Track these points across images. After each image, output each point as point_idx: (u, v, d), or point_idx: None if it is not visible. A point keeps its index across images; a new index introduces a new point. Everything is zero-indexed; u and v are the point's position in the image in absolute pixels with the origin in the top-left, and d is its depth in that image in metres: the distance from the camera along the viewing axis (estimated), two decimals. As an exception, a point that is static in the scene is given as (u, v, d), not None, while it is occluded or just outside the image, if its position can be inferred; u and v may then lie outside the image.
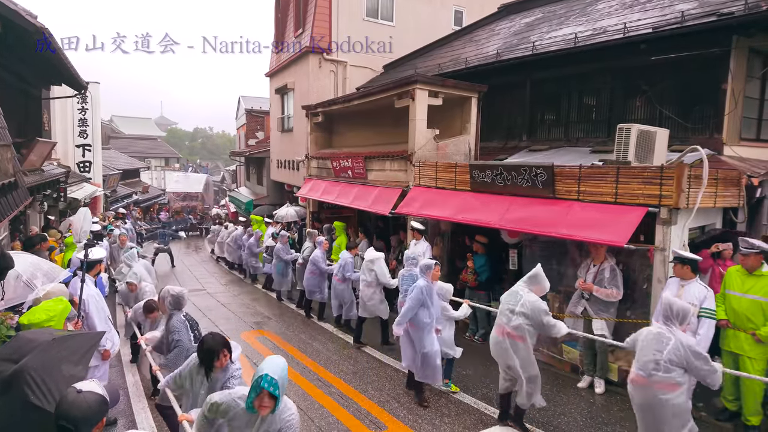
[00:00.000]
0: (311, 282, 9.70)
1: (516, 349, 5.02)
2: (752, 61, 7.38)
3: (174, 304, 4.88)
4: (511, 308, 5.09)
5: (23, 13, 7.14)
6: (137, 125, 55.77)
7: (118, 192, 27.82)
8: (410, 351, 6.04)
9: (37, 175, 10.13)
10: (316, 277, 9.61)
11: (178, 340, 4.77)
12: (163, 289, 4.99)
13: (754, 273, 5.10)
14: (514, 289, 5.25)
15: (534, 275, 5.19)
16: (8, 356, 2.77)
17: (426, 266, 5.95)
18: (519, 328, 4.98)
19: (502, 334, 5.14)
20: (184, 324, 4.87)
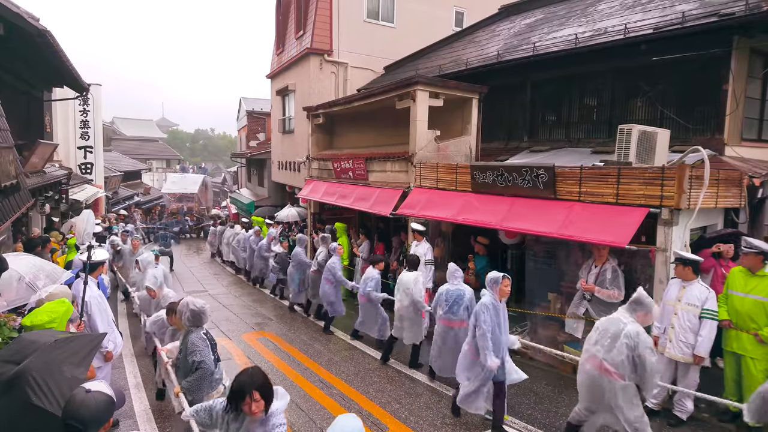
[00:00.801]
0: (328, 292, 8.97)
1: (616, 389, 4.25)
2: (753, 61, 7.37)
3: (193, 319, 4.30)
4: (612, 338, 4.30)
5: (25, 15, 7.17)
6: (138, 127, 55.84)
7: (119, 193, 27.91)
8: (470, 379, 5.29)
9: (39, 177, 10.16)
10: (332, 286, 8.94)
11: (200, 361, 4.19)
12: (181, 301, 4.40)
13: (757, 273, 5.09)
14: (615, 316, 4.46)
15: (638, 300, 4.35)
16: (10, 358, 2.77)
17: (493, 280, 5.15)
18: (620, 365, 4.22)
19: (599, 368, 4.36)
20: (205, 342, 4.28)
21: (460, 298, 6.14)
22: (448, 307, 6.16)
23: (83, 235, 11.66)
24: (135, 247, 11.45)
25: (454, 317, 6.13)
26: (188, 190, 34.50)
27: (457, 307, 6.11)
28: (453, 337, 6.15)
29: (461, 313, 6.10)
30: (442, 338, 6.29)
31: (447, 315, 6.18)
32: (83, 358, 2.95)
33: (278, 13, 18.02)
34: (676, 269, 5.30)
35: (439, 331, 6.31)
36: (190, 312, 4.24)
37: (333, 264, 8.91)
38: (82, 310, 5.14)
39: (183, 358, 4.31)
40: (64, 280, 5.53)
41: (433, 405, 6.01)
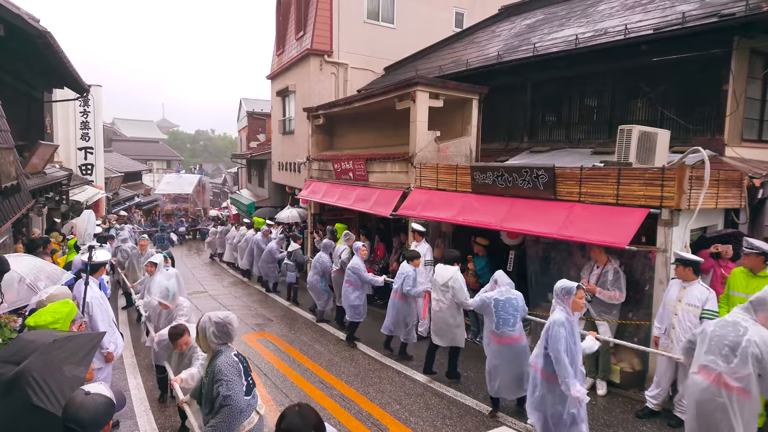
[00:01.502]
0: (352, 295, 8.31)
1: (740, 407, 3.66)
2: (754, 61, 7.38)
3: (220, 335, 3.51)
4: (732, 346, 3.70)
5: (26, 16, 7.18)
6: (139, 128, 55.91)
7: (120, 194, 27.92)
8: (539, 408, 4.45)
9: (40, 178, 10.16)
10: (357, 289, 8.32)
11: (227, 396, 3.34)
12: (201, 318, 3.64)
13: (759, 274, 5.09)
14: (730, 319, 3.91)
15: (762, 299, 3.79)
16: (9, 358, 2.77)
17: (565, 291, 4.31)
18: (746, 377, 3.61)
19: (718, 383, 3.74)
20: (236, 368, 3.45)
21: (515, 309, 5.43)
22: (501, 320, 5.39)
23: (84, 236, 11.66)
24: (143, 248, 10.63)
25: (511, 331, 5.40)
26: (183, 190, 34.18)
27: (513, 320, 5.39)
28: (509, 354, 5.43)
29: (518, 327, 5.46)
30: (497, 358, 5.48)
31: (502, 330, 5.39)
32: (83, 358, 2.95)
33: (278, 14, 18.03)
34: (677, 270, 5.30)
35: (492, 351, 5.53)
36: (214, 326, 3.50)
37: (356, 265, 8.30)
38: (84, 311, 5.15)
39: (209, 384, 3.49)
40: (65, 281, 5.53)
41: (433, 405, 6.00)
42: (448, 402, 6.09)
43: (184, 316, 5.71)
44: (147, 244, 10.58)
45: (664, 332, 5.40)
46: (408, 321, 7.47)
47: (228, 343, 3.57)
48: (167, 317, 5.76)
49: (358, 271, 8.24)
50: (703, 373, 3.83)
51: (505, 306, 5.43)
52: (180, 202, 35.02)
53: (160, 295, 5.68)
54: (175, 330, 4.69)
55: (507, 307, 5.42)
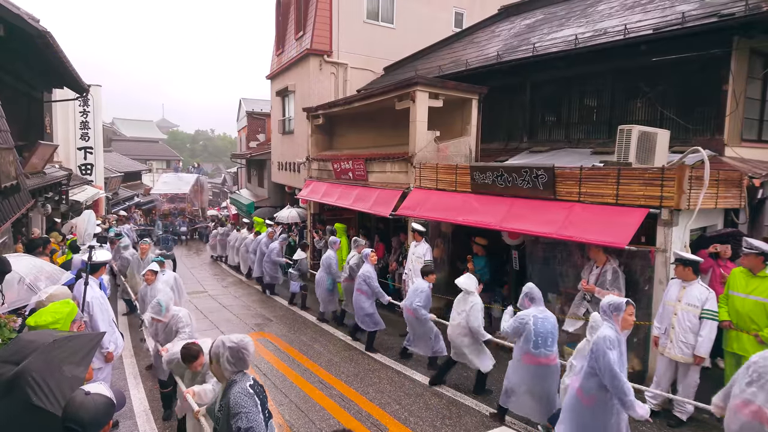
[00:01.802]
0: (363, 304, 7.94)
1: None
2: (753, 61, 7.38)
3: (235, 361, 3.11)
4: None
5: (26, 16, 7.17)
6: (139, 128, 55.87)
7: (119, 194, 27.91)
8: None
9: (39, 178, 10.16)
10: (367, 297, 7.98)
11: (249, 428, 2.96)
12: (214, 342, 3.22)
13: (758, 274, 5.09)
14: None
15: None
16: (9, 358, 2.77)
17: (613, 306, 3.99)
18: None
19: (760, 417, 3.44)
20: (253, 399, 3.06)
21: (554, 326, 5.05)
22: (540, 340, 4.97)
23: (84, 236, 11.65)
24: (144, 252, 9.82)
25: (548, 352, 4.99)
26: (180, 190, 33.56)
27: (552, 340, 4.99)
28: (541, 375, 5.03)
29: (555, 347, 5.06)
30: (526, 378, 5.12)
31: (539, 351, 4.98)
32: (83, 358, 2.95)
33: (278, 14, 18.03)
34: (676, 270, 5.30)
35: (521, 369, 5.15)
36: (228, 352, 3.10)
37: (367, 273, 7.94)
38: (84, 311, 5.15)
39: (224, 420, 3.12)
40: (65, 281, 5.53)
41: (432, 405, 6.00)
42: (448, 402, 6.09)
43: (186, 327, 5.47)
44: (148, 249, 9.92)
45: (664, 332, 5.40)
46: (428, 335, 6.96)
47: (244, 371, 3.17)
48: (165, 329, 5.61)
49: (369, 280, 7.89)
50: (744, 408, 3.56)
51: (545, 324, 5.00)
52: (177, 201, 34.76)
53: (152, 311, 5.57)
54: (189, 352, 4.35)
55: (546, 325, 5.00)
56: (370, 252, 8.18)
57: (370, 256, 8.09)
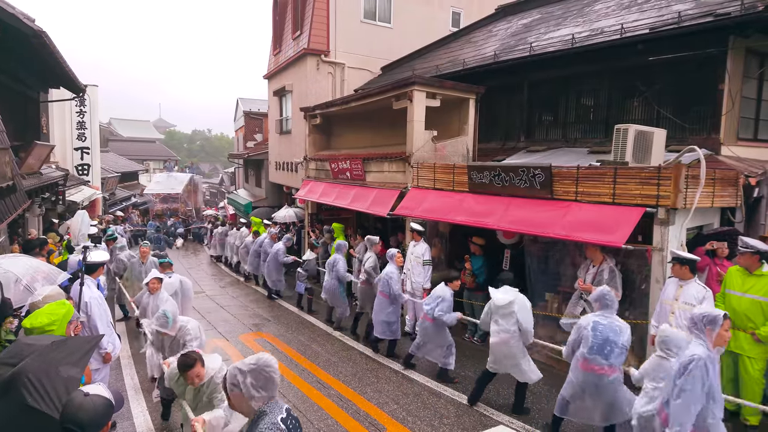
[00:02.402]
0: (388, 309, 7.45)
1: None
2: (749, 61, 7.41)
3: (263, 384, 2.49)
4: None
5: (21, 16, 7.15)
6: (135, 128, 55.74)
7: (116, 195, 27.82)
8: None
9: (36, 179, 10.12)
10: (392, 303, 7.47)
11: None
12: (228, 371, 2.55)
13: (755, 273, 5.12)
14: None
15: None
16: (7, 361, 2.77)
17: (708, 319, 3.60)
18: None
19: None
20: None
21: (617, 335, 4.60)
22: (596, 346, 4.63)
23: (78, 236, 11.61)
24: (143, 255, 9.12)
25: (603, 361, 4.60)
26: (173, 190, 33.05)
27: (610, 349, 4.59)
28: (597, 384, 4.65)
29: (615, 358, 4.59)
30: (581, 386, 4.77)
31: (593, 357, 4.62)
32: (80, 358, 2.94)
33: (275, 13, 18.00)
34: (673, 268, 5.32)
35: (577, 376, 4.82)
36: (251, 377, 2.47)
37: (391, 274, 7.38)
38: (81, 311, 5.13)
39: None
40: (61, 281, 5.52)
41: (430, 405, 6.01)
42: (446, 401, 6.10)
43: (194, 339, 5.03)
44: (149, 252, 9.29)
45: (661, 331, 5.41)
46: (442, 343, 6.64)
47: (275, 397, 2.55)
48: (172, 343, 5.13)
49: (392, 282, 7.36)
50: None
51: (605, 332, 4.62)
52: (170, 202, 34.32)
53: (157, 323, 5.02)
54: (184, 360, 3.83)
55: (607, 334, 4.61)
56: (396, 252, 7.65)
57: (396, 257, 7.58)
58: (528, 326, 5.51)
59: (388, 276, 7.45)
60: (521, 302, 5.55)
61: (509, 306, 5.52)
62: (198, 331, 5.14)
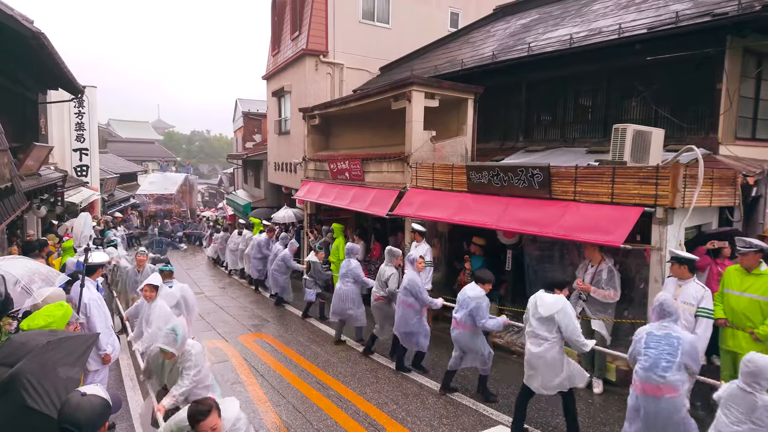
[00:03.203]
0: (412, 320, 6.75)
1: None
2: (747, 60, 7.41)
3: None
4: None
5: (19, 17, 7.14)
6: (134, 129, 55.74)
7: (115, 196, 27.80)
8: None
9: (34, 180, 10.11)
10: (417, 312, 6.77)
11: None
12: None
13: (753, 272, 5.12)
14: None
15: None
16: (2, 360, 2.77)
17: None
18: None
19: None
20: None
21: (675, 349, 4.01)
22: (651, 361, 4.07)
23: (80, 238, 11.61)
24: (140, 264, 8.26)
25: (660, 379, 3.98)
26: (167, 190, 32.30)
27: (669, 364, 3.98)
28: (656, 410, 4.02)
29: (673, 375, 3.98)
30: (639, 409, 4.14)
31: (648, 374, 4.05)
32: (77, 359, 2.95)
33: (273, 14, 18.00)
34: (672, 268, 5.32)
35: (633, 400, 4.22)
36: None
37: (414, 281, 6.72)
38: (80, 312, 5.13)
39: None
40: (60, 282, 5.52)
41: (430, 405, 6.01)
42: (445, 401, 6.10)
43: (194, 368, 4.26)
44: (146, 260, 8.38)
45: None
46: (482, 350, 5.98)
47: None
48: (172, 369, 4.40)
49: (418, 291, 6.68)
50: None
51: (660, 343, 4.09)
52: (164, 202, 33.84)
53: (163, 341, 4.22)
54: (197, 409, 3.08)
55: (662, 343, 4.08)
56: (417, 257, 6.98)
57: (418, 262, 6.93)
58: (573, 336, 4.81)
59: (411, 283, 6.70)
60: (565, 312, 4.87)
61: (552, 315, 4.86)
62: (201, 358, 4.35)
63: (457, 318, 5.96)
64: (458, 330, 5.99)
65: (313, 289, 9.86)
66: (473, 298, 5.82)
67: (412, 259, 6.96)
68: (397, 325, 6.96)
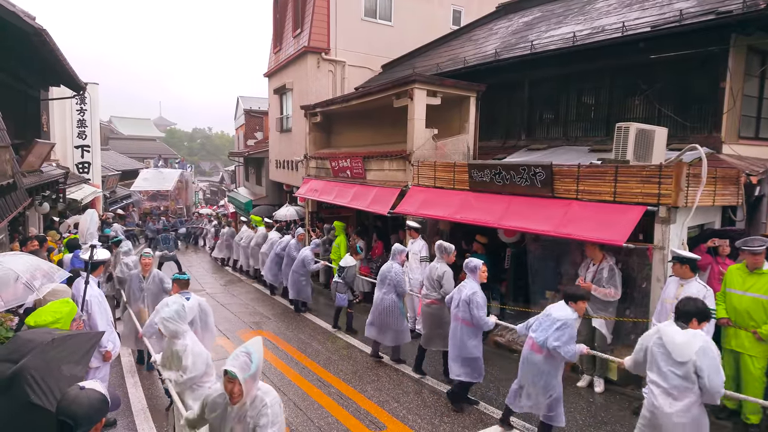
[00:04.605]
0: (470, 342, 5.60)
1: None
2: (751, 59, 7.39)
3: None
4: None
5: (21, 14, 7.14)
6: (136, 126, 55.75)
7: (117, 193, 27.82)
8: None
9: (36, 177, 10.12)
10: (475, 334, 5.65)
11: None
12: None
13: (755, 271, 5.11)
14: None
15: None
16: (7, 357, 2.77)
17: None
18: None
19: None
20: None
21: None
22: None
23: (86, 235, 11.60)
24: (145, 268, 7.18)
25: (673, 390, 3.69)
26: (163, 187, 31.36)
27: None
28: None
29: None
30: None
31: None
32: (82, 357, 2.95)
33: (275, 11, 17.99)
34: (674, 268, 5.31)
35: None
36: None
37: (474, 293, 5.45)
38: (83, 309, 5.14)
39: None
40: (61, 279, 5.51)
41: (431, 403, 6.01)
42: (445, 399, 6.09)
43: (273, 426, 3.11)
44: (152, 264, 7.41)
45: (662, 329, 5.40)
46: (550, 389, 4.73)
47: None
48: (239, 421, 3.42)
49: (478, 308, 5.37)
50: None
51: None
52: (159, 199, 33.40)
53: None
54: None
55: None
56: (480, 264, 5.60)
57: (481, 270, 5.59)
58: None
59: (471, 296, 5.43)
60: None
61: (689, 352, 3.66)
62: (280, 412, 3.24)
63: (534, 338, 4.66)
64: (532, 354, 4.68)
65: (346, 294, 8.73)
66: (559, 318, 4.51)
67: (473, 267, 5.60)
68: (451, 346, 5.75)
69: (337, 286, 8.57)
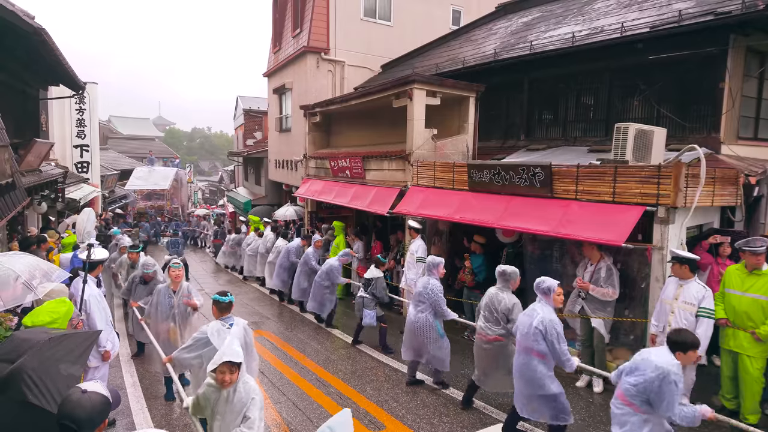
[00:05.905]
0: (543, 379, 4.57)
1: None
2: (749, 60, 7.40)
3: None
4: None
5: (20, 13, 7.12)
6: (135, 125, 55.77)
7: (116, 192, 27.78)
8: None
9: (35, 176, 10.11)
10: (548, 369, 4.61)
11: None
12: None
13: (754, 272, 5.11)
14: None
15: None
16: (4, 356, 2.77)
17: None
18: None
19: None
20: None
21: None
22: None
23: (83, 234, 11.57)
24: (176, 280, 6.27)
25: None
26: (158, 186, 30.16)
27: None
28: None
29: None
30: None
31: None
32: (79, 356, 2.95)
33: (275, 11, 17.98)
34: (673, 268, 5.31)
35: None
36: None
37: (550, 321, 4.48)
38: (81, 309, 5.13)
39: None
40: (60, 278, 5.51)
41: (430, 403, 6.01)
42: (445, 399, 6.10)
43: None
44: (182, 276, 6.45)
45: (662, 330, 5.41)
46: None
47: None
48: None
49: (560, 338, 4.46)
50: None
51: None
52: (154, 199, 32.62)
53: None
54: None
55: None
56: (555, 286, 4.63)
57: (556, 293, 4.64)
58: None
59: (548, 326, 4.46)
60: None
61: None
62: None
63: (629, 388, 3.66)
64: (625, 408, 3.70)
65: (374, 310, 7.77)
66: (661, 370, 3.48)
67: (546, 288, 4.63)
68: (524, 384, 4.70)
69: (363, 302, 7.72)
